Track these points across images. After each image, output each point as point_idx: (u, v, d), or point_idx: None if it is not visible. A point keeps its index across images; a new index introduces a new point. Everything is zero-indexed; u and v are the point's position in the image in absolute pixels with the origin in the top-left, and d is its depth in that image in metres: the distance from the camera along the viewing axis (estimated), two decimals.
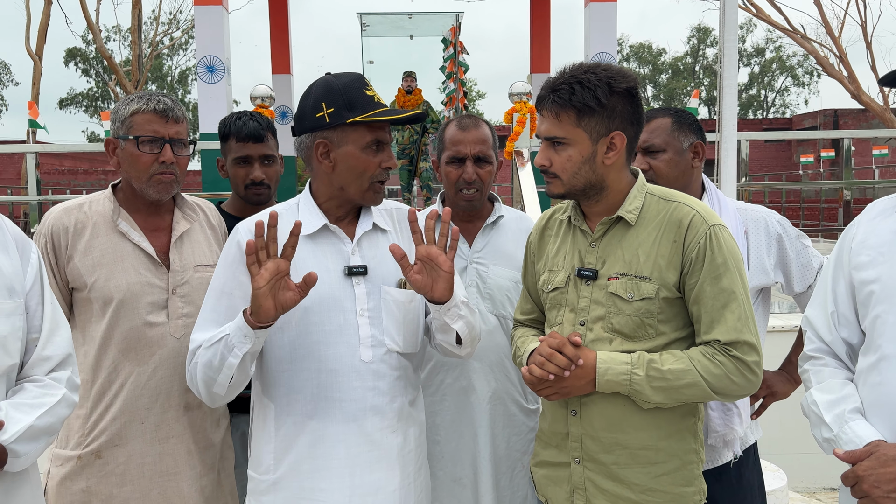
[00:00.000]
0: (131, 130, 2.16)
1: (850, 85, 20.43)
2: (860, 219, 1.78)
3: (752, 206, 2.39)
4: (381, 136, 1.92)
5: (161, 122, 2.16)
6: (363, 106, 1.89)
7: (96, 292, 2.12)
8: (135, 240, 2.18)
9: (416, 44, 14.53)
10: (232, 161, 2.66)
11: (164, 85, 39.94)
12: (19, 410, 1.61)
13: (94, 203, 2.23)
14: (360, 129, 1.90)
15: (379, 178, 1.93)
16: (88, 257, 2.14)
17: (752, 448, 2.34)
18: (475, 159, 2.39)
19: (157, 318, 2.16)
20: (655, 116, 2.35)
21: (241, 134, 2.63)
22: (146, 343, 2.15)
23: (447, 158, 2.42)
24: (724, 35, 3.71)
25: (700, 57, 46.36)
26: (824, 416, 1.69)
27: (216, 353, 1.79)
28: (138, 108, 2.16)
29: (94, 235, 2.16)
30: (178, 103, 2.22)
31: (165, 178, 2.18)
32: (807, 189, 17.23)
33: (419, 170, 10.11)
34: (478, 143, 2.40)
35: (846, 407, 1.66)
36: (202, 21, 7.49)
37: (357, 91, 1.91)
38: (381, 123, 1.90)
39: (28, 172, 7.05)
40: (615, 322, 1.82)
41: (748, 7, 20.90)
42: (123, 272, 2.14)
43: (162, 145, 2.16)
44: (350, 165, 1.91)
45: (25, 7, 21.85)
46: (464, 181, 2.38)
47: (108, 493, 2.13)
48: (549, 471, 1.97)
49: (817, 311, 1.82)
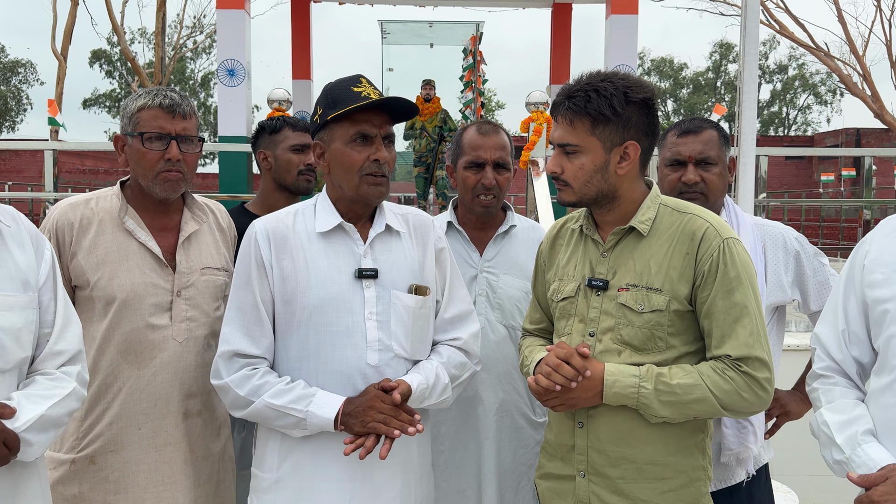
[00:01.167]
0: (138, 126, 2.11)
1: (874, 104, 20.27)
2: (873, 235, 1.75)
3: (769, 222, 2.36)
4: (364, 129, 1.90)
5: (167, 118, 2.11)
6: (345, 101, 1.89)
7: (99, 291, 2.06)
8: (141, 239, 2.12)
9: (436, 52, 14.57)
10: (288, 148, 2.79)
11: (186, 87, 40.34)
12: (31, 401, 1.63)
13: (102, 199, 2.17)
14: (344, 125, 1.91)
15: (369, 170, 1.91)
16: (92, 255, 2.08)
17: (763, 468, 2.30)
18: (494, 165, 2.37)
19: (159, 321, 2.09)
20: (704, 128, 2.30)
21: (298, 125, 2.83)
22: (147, 346, 2.08)
23: (466, 163, 2.39)
24: (745, 49, 3.68)
25: (722, 72, 46.18)
26: (835, 437, 1.65)
27: (282, 418, 1.85)
28: (144, 104, 2.11)
29: (100, 232, 2.10)
30: (186, 98, 2.17)
31: (172, 175, 2.12)
32: (827, 207, 17.07)
33: (435, 178, 10.10)
34: (498, 149, 2.38)
35: (858, 428, 1.63)
36: (224, 25, 7.55)
37: (344, 89, 1.91)
38: (367, 116, 1.90)
39: (46, 169, 7.11)
40: (625, 333, 1.79)
41: (772, 24, 20.81)
42: (128, 271, 2.08)
43: (168, 142, 2.11)
44: (339, 162, 1.92)
45: (52, 8, 22.16)
46: (483, 186, 2.36)
47: (101, 499, 2.06)
48: (553, 483, 1.94)
49: (827, 329, 1.79)
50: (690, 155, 2.26)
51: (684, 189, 2.24)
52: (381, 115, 1.93)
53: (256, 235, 1.94)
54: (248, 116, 7.78)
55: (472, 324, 2.08)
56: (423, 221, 2.08)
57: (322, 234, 1.94)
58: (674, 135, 2.31)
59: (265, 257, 1.92)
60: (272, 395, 1.84)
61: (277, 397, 1.84)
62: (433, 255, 2.04)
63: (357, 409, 1.81)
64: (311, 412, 1.82)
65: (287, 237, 1.94)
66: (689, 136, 2.28)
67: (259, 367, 1.90)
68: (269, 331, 1.92)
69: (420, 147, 10.06)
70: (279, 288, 1.90)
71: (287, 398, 1.83)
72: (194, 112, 2.18)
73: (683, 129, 2.30)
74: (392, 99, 1.91)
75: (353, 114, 1.90)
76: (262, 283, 1.91)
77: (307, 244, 1.93)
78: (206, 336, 2.16)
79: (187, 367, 2.12)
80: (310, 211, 1.99)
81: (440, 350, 2.03)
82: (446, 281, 2.07)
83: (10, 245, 1.69)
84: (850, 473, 1.58)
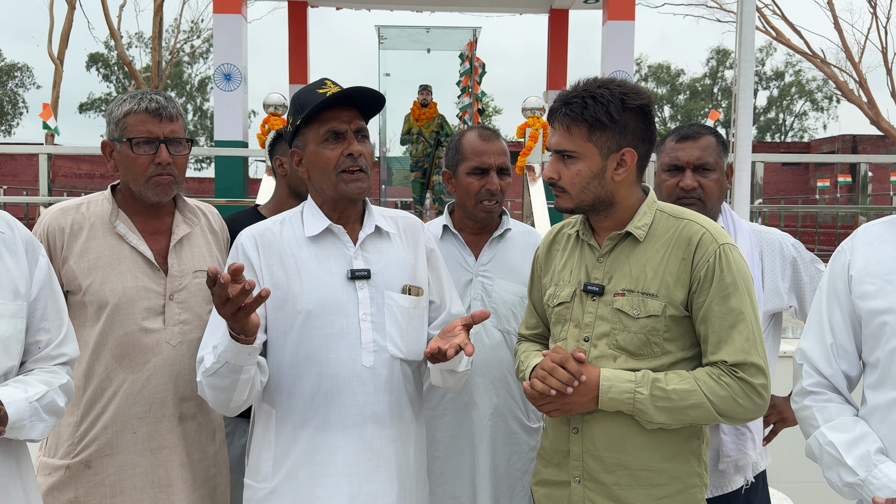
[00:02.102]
0: (125, 132, 2.08)
1: (870, 111, 20.36)
2: (852, 244, 1.71)
3: (766, 228, 2.36)
4: (334, 126, 1.90)
5: (155, 122, 2.08)
6: (311, 103, 1.89)
7: (91, 296, 2.05)
8: (133, 242, 2.11)
9: (433, 58, 14.56)
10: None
11: (182, 92, 40.34)
12: (27, 384, 1.65)
13: (93, 204, 2.15)
14: (314, 126, 1.91)
15: (344, 166, 1.90)
16: (84, 259, 2.06)
17: (761, 475, 2.29)
18: (498, 170, 2.37)
19: (152, 325, 2.08)
20: (703, 134, 2.29)
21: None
22: (141, 350, 2.07)
23: (469, 169, 2.37)
24: (741, 55, 3.69)
25: (718, 79, 46.31)
26: (845, 458, 1.59)
27: (223, 378, 1.77)
28: (131, 109, 2.08)
29: (91, 237, 2.09)
30: (171, 100, 2.14)
31: (163, 179, 2.10)
32: (823, 214, 17.10)
33: (432, 182, 10.10)
34: (501, 154, 2.38)
35: (869, 448, 1.57)
36: (221, 29, 7.55)
37: (309, 93, 1.91)
38: (335, 114, 1.89)
39: (41, 174, 7.10)
40: (620, 339, 1.79)
41: (768, 31, 20.90)
42: (120, 276, 2.07)
43: (157, 146, 2.08)
44: (314, 163, 1.92)
45: (49, 11, 22.16)
46: (488, 192, 2.35)
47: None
48: (549, 490, 1.93)
49: (813, 344, 1.73)
50: (689, 160, 2.25)
51: (682, 195, 2.24)
52: (349, 110, 1.92)
53: (244, 243, 1.94)
54: (244, 121, 7.78)
55: None
56: (412, 223, 2.08)
57: (311, 238, 1.93)
58: (672, 140, 2.31)
59: (254, 262, 1.91)
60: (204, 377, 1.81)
61: (206, 374, 1.80)
62: (424, 256, 2.04)
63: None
64: (221, 354, 1.74)
65: (274, 243, 1.93)
66: (688, 142, 2.27)
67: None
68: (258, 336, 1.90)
69: (417, 152, 10.07)
70: (270, 294, 1.89)
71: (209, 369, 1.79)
72: (181, 113, 2.16)
73: (682, 134, 2.30)
74: (353, 89, 1.89)
75: (321, 114, 1.89)
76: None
77: (296, 249, 1.92)
78: (200, 339, 2.14)
79: (181, 370, 2.11)
80: (297, 218, 1.99)
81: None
82: (441, 281, 2.07)
83: (3, 252, 1.67)
84: (877, 498, 1.50)
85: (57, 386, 1.71)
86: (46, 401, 1.66)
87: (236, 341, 1.72)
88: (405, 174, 15.14)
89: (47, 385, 1.68)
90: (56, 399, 1.70)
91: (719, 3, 22.69)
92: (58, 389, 1.71)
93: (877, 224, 1.70)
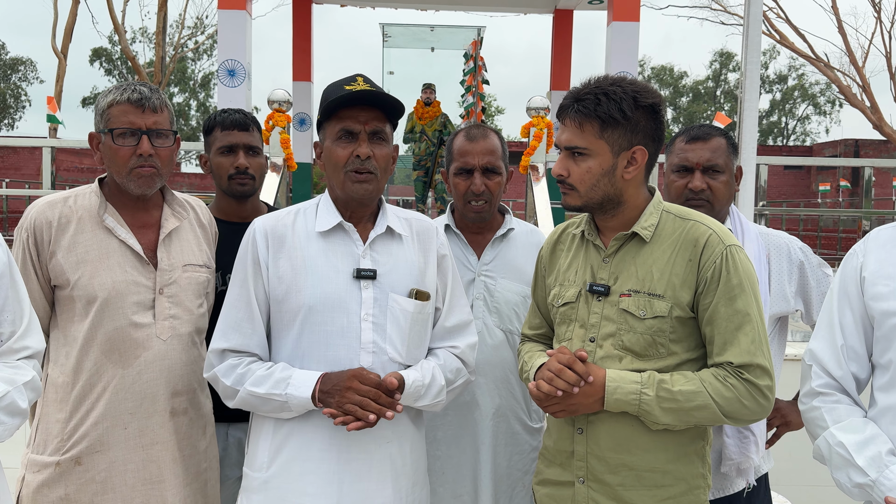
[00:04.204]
0: (108, 123, 2.06)
1: (873, 115, 20.33)
2: (865, 247, 1.71)
3: (774, 231, 2.35)
4: (347, 125, 1.88)
5: (137, 113, 2.05)
6: (333, 98, 1.88)
7: (79, 290, 2.02)
8: (121, 236, 2.08)
9: (437, 56, 14.58)
10: (216, 151, 2.56)
11: (186, 88, 40.34)
12: None
13: (80, 197, 2.11)
14: (332, 122, 1.91)
15: (352, 167, 1.89)
16: (72, 253, 2.03)
17: (763, 478, 2.29)
18: (483, 170, 2.34)
19: (142, 319, 2.06)
20: (713, 135, 2.27)
21: (227, 122, 2.57)
22: (131, 345, 2.04)
23: (455, 170, 2.37)
24: (747, 58, 3.68)
25: (722, 81, 46.29)
26: (855, 458, 1.58)
27: (267, 404, 1.85)
28: (114, 100, 2.05)
29: (79, 231, 2.06)
30: (157, 91, 2.11)
31: (145, 171, 2.06)
32: (825, 218, 17.10)
33: (434, 181, 10.09)
34: (486, 154, 2.34)
35: (881, 449, 1.57)
36: (225, 25, 7.53)
37: (336, 87, 1.90)
38: (352, 113, 1.87)
39: (44, 167, 7.09)
40: (626, 339, 1.78)
41: (772, 34, 20.88)
42: (108, 270, 2.04)
43: (139, 137, 2.05)
44: (328, 159, 1.92)
45: (53, 6, 22.16)
46: (472, 193, 2.34)
47: (88, 501, 2.02)
48: (552, 490, 1.92)
49: (823, 345, 1.73)
50: (698, 162, 2.24)
51: (690, 196, 2.22)
52: (369, 110, 1.89)
53: (255, 234, 1.94)
54: None
55: (470, 334, 2.07)
56: (426, 227, 2.05)
57: (322, 233, 1.93)
58: (682, 141, 2.29)
59: (262, 257, 1.91)
60: (253, 383, 1.84)
61: (258, 385, 1.84)
62: (435, 261, 2.02)
63: (334, 389, 1.80)
64: (290, 394, 1.81)
65: (286, 236, 1.93)
66: (698, 143, 2.26)
67: (245, 358, 1.90)
68: (260, 328, 1.92)
69: (419, 151, 10.05)
70: (273, 287, 1.90)
71: (267, 385, 1.83)
72: (166, 105, 2.13)
73: (692, 135, 2.28)
74: (366, 92, 1.86)
75: (339, 111, 1.88)
76: (258, 281, 1.91)
77: (306, 243, 1.92)
78: (191, 333, 2.14)
79: (172, 365, 2.09)
80: (311, 210, 1.98)
81: (437, 353, 2.01)
82: (447, 288, 2.04)
83: None
84: (889, 498, 1.51)
85: (21, 384, 1.67)
86: (6, 402, 1.62)
87: (313, 403, 1.81)
88: (407, 173, 15.14)
89: (9, 384, 1.65)
90: (17, 400, 1.65)
91: (723, 6, 22.68)
92: (21, 388, 1.67)
93: (890, 227, 1.71)
